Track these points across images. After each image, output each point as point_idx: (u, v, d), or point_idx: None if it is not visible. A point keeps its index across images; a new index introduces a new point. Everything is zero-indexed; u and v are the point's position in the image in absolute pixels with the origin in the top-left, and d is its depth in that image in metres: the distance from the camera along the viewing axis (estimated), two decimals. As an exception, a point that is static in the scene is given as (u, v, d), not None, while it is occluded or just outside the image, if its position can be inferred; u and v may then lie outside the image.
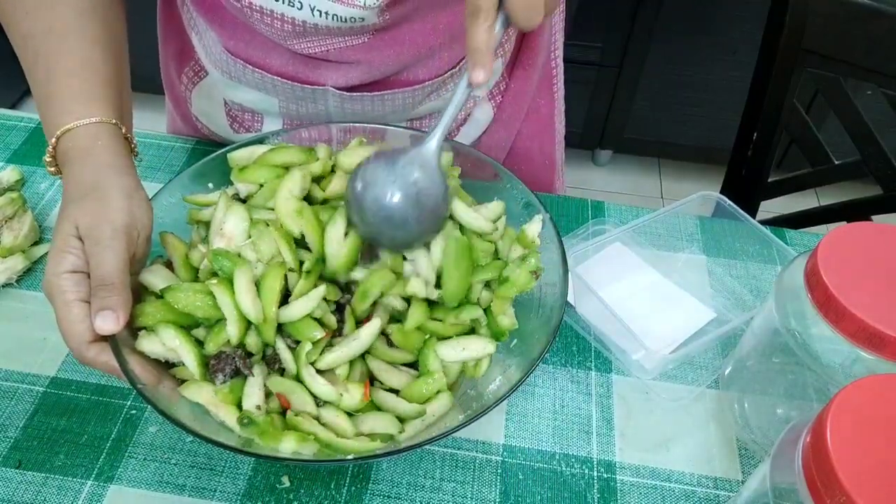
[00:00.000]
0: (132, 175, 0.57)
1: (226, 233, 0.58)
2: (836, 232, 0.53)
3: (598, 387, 0.66)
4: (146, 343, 0.53)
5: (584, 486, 0.59)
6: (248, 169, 0.63)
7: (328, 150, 0.66)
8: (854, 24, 0.89)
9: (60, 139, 0.57)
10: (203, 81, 0.83)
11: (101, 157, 0.56)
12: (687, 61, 1.90)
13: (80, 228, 0.52)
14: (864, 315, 0.48)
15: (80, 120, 0.57)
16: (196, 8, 0.74)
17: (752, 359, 0.62)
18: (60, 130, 0.56)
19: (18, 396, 0.63)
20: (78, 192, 0.54)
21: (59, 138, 0.57)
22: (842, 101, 0.96)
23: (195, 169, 0.65)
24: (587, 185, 2.21)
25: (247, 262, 0.57)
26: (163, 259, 0.60)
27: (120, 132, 0.59)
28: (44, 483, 0.58)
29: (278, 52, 0.71)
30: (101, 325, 0.50)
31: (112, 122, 0.58)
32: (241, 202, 0.62)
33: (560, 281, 0.58)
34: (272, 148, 0.65)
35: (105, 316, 0.50)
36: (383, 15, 0.65)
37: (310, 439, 0.52)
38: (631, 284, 0.74)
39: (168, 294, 0.54)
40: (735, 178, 1.10)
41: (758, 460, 0.62)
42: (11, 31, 0.62)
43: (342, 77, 0.72)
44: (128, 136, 0.60)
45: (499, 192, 0.65)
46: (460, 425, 0.51)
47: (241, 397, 0.54)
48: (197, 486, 0.58)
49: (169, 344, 0.53)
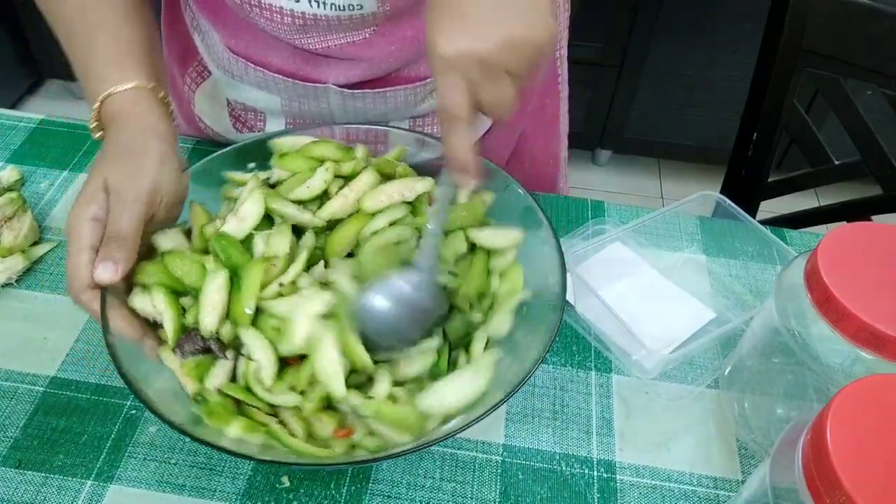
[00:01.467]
0: (169, 140, 0.60)
1: (240, 214, 0.60)
2: (836, 232, 0.53)
3: (598, 387, 0.66)
4: (137, 300, 0.56)
5: (584, 486, 0.59)
6: (288, 157, 0.65)
7: (365, 152, 0.67)
8: (854, 24, 0.89)
9: (104, 103, 0.60)
10: (206, 82, 0.83)
11: (143, 120, 0.59)
12: (687, 61, 1.90)
13: (109, 184, 0.55)
14: (864, 315, 0.48)
15: (120, 85, 0.60)
16: (198, 8, 0.74)
17: (751, 359, 0.62)
18: (103, 95, 0.60)
19: (18, 396, 0.63)
20: (116, 151, 0.58)
21: (103, 102, 0.60)
22: (842, 101, 0.96)
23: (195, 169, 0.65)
24: (587, 185, 2.21)
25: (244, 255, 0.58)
26: (185, 226, 0.63)
27: (157, 96, 0.62)
28: (44, 483, 0.58)
29: (280, 49, 0.71)
30: (100, 274, 0.52)
31: (150, 87, 0.61)
32: (270, 187, 0.64)
33: (559, 282, 0.58)
34: (315, 140, 0.67)
35: (106, 266, 0.52)
36: (383, 5, 0.65)
37: (259, 430, 0.52)
38: (631, 284, 0.74)
39: (167, 257, 0.57)
40: (735, 178, 1.10)
41: (758, 460, 0.62)
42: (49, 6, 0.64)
43: (343, 74, 0.72)
44: (166, 99, 0.63)
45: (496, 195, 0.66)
46: (460, 428, 0.50)
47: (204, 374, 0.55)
48: (197, 486, 0.58)
49: (157, 306, 0.56)
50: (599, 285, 0.69)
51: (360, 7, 0.65)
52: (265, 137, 0.67)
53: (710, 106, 1.98)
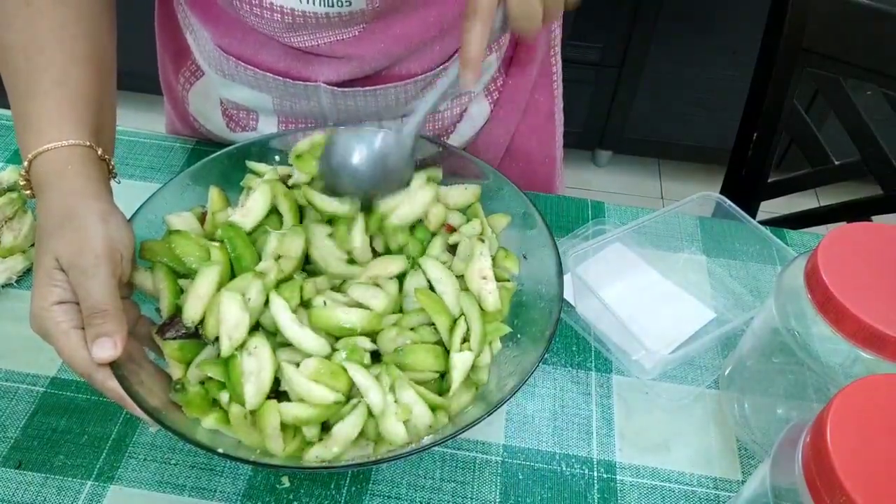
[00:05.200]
0: (105, 199, 0.56)
1: (247, 205, 0.61)
2: (836, 232, 0.53)
3: (598, 387, 0.66)
4: (140, 276, 0.57)
5: (584, 487, 0.59)
6: (304, 158, 0.65)
7: None
8: (854, 24, 0.89)
9: (33, 163, 0.56)
10: (199, 81, 0.83)
11: (73, 182, 0.55)
12: (687, 61, 1.90)
13: (62, 260, 0.51)
14: (864, 315, 0.48)
15: (53, 143, 0.55)
16: (189, 7, 0.74)
17: (752, 359, 0.62)
18: (32, 154, 0.55)
19: (18, 396, 0.63)
20: (52, 223, 0.53)
21: (32, 161, 0.56)
22: (842, 101, 0.96)
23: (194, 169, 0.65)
24: (587, 186, 2.21)
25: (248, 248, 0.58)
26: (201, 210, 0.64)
27: (94, 154, 0.57)
28: (44, 483, 0.58)
29: (270, 48, 0.71)
30: (98, 354, 0.49)
31: (86, 145, 0.56)
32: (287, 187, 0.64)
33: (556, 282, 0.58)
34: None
35: (102, 343, 0.49)
36: (372, 3, 0.65)
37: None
38: (631, 284, 0.74)
39: (173, 236, 0.58)
40: (735, 178, 1.10)
41: (758, 460, 0.62)
42: None
43: (334, 72, 0.72)
44: (104, 157, 0.58)
45: (492, 196, 0.66)
46: (461, 429, 0.51)
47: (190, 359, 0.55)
48: (197, 487, 0.58)
49: (157, 284, 0.56)
50: (599, 285, 0.69)
51: (348, 4, 0.65)
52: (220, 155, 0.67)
53: (710, 106, 1.98)
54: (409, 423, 0.54)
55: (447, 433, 0.51)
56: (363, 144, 0.62)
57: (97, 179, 0.56)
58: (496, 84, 0.84)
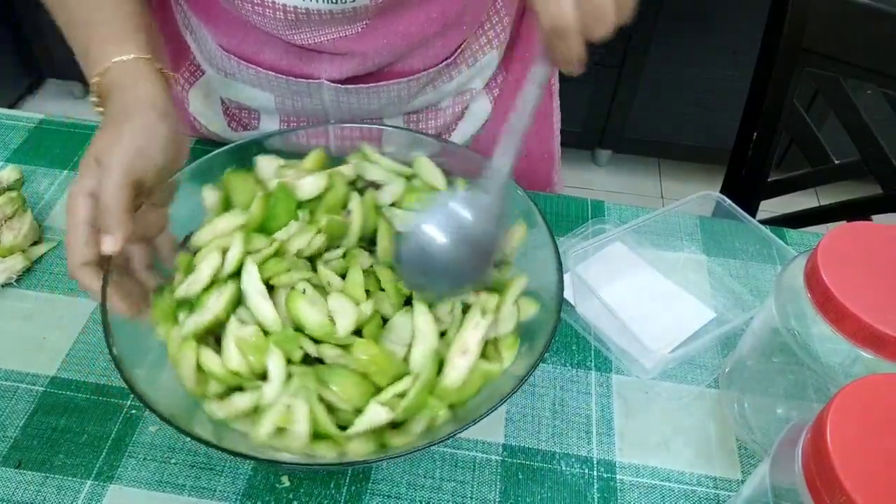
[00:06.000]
0: (159, 107, 0.59)
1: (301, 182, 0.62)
2: (836, 232, 0.53)
3: (598, 387, 0.66)
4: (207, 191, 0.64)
5: (584, 486, 0.59)
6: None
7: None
8: (854, 24, 0.89)
9: (102, 77, 0.61)
10: (199, 81, 0.83)
11: (134, 89, 0.60)
12: (687, 61, 1.90)
13: (96, 153, 0.56)
14: (864, 315, 0.48)
15: (118, 57, 0.61)
16: (189, 7, 0.74)
17: (751, 358, 0.62)
18: (101, 69, 0.61)
19: (18, 396, 0.63)
20: (105, 122, 0.59)
21: (102, 76, 0.61)
22: (842, 101, 0.96)
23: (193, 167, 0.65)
24: (587, 185, 2.21)
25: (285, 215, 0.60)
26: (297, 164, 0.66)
27: (153, 66, 0.62)
28: (43, 483, 0.58)
29: (272, 46, 0.71)
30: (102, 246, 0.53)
31: (146, 58, 0.62)
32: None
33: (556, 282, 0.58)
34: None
35: (104, 238, 0.53)
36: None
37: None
38: (631, 284, 0.74)
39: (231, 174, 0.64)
40: (735, 178, 1.10)
41: (758, 460, 0.62)
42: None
43: (336, 69, 0.72)
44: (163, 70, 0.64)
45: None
46: (460, 428, 0.50)
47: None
48: (197, 486, 0.58)
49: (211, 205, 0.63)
50: (599, 285, 0.69)
51: (352, 0, 0.65)
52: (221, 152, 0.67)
53: (710, 106, 1.98)
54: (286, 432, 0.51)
55: (447, 432, 0.51)
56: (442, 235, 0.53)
57: (156, 87, 0.61)
58: (496, 81, 0.84)
